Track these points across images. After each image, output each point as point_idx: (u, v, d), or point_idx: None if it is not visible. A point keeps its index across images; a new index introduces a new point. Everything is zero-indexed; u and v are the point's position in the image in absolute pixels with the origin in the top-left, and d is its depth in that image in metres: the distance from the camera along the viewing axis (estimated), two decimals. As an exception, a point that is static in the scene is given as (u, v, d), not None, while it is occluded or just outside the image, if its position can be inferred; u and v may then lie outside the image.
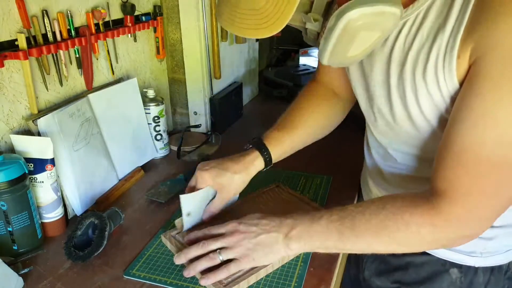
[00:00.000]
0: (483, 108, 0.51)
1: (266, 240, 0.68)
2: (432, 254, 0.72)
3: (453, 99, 0.57)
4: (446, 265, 0.72)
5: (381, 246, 0.63)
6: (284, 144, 0.84)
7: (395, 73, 0.63)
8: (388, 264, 0.79)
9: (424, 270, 0.74)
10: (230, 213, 0.84)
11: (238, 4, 0.53)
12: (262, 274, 0.71)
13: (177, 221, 0.81)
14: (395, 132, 0.70)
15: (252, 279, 0.70)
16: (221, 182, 0.78)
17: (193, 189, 0.79)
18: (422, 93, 0.59)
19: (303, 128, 0.86)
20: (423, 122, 0.63)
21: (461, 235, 0.59)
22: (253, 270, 0.70)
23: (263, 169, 0.83)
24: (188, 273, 0.69)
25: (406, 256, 0.75)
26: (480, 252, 0.70)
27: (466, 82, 0.54)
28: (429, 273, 0.73)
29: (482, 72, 0.51)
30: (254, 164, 0.81)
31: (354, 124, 1.43)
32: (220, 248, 0.69)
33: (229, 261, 0.69)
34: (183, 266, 0.72)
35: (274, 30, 0.53)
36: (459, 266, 0.71)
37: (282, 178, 1.04)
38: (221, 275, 0.67)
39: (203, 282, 0.68)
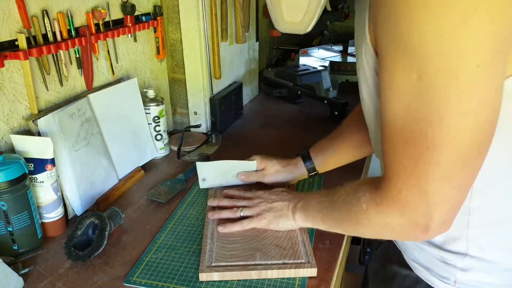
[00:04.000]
0: (387, 80, 0.50)
1: (279, 206, 0.81)
2: (413, 270, 0.70)
3: (376, 72, 0.56)
4: (421, 284, 0.69)
5: (347, 223, 0.66)
6: (327, 154, 0.94)
7: (357, 55, 0.64)
8: (385, 269, 0.79)
9: (405, 283, 0.72)
10: None
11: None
12: (254, 275, 0.72)
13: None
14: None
15: (237, 276, 0.71)
16: (265, 164, 0.96)
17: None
18: (360, 65, 0.59)
19: (348, 141, 0.92)
20: (365, 97, 0.62)
21: (407, 221, 0.54)
22: (247, 266, 0.72)
23: (308, 175, 0.95)
24: (212, 215, 0.86)
25: (396, 266, 0.75)
26: (454, 281, 0.64)
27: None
28: (406, 286, 0.72)
29: (379, 42, 0.50)
30: (298, 166, 0.94)
31: (332, 121, 1.44)
32: (244, 207, 0.84)
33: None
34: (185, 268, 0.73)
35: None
36: None
37: None
38: (235, 227, 0.81)
39: (219, 229, 0.81)
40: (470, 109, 0.45)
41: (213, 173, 0.96)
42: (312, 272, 0.72)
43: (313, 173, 0.94)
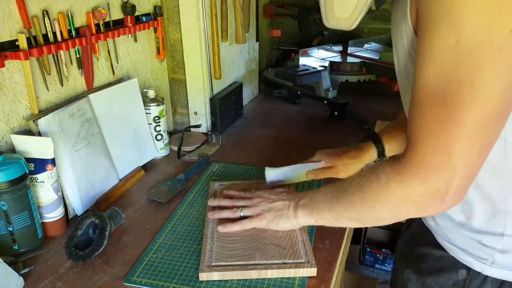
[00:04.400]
0: (423, 49, 0.53)
1: (279, 205, 0.81)
2: (448, 251, 0.72)
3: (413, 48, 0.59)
4: (457, 264, 0.70)
5: (361, 205, 0.65)
6: (398, 138, 0.94)
7: (394, 35, 0.67)
8: (412, 251, 0.80)
9: (439, 263, 0.74)
10: None
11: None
12: (253, 275, 0.72)
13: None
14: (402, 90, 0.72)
15: (238, 275, 0.72)
16: (334, 161, 0.96)
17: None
18: (399, 48, 0.63)
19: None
20: (405, 77, 0.65)
21: (428, 189, 0.55)
22: (246, 266, 0.73)
23: (377, 159, 0.95)
24: (212, 215, 0.86)
25: (427, 248, 0.75)
26: (491, 262, 0.66)
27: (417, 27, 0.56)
28: (442, 267, 0.73)
29: (421, 16, 0.54)
30: (367, 154, 0.95)
31: (331, 121, 1.44)
32: (244, 207, 0.84)
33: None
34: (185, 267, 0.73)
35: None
36: (468, 269, 0.69)
37: None
38: (235, 227, 0.81)
39: (219, 228, 0.82)
40: (499, 73, 0.49)
41: (280, 178, 0.97)
42: (312, 272, 0.72)
43: (381, 158, 0.95)
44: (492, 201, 0.63)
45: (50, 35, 0.87)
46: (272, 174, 0.96)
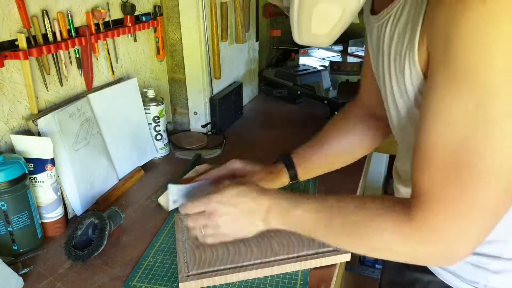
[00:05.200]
0: (435, 105, 0.49)
1: (245, 221, 0.68)
2: (437, 275, 0.69)
3: (421, 93, 0.55)
4: None
5: (354, 247, 0.61)
6: (309, 162, 0.86)
7: (386, 69, 0.63)
8: (403, 276, 0.77)
9: None
10: None
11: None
12: (244, 275, 0.72)
13: (160, 199, 0.85)
14: (395, 124, 0.68)
15: (233, 278, 0.71)
16: (248, 171, 0.82)
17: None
18: (401, 84, 0.58)
19: (332, 147, 0.87)
20: (404, 116, 0.61)
21: (436, 252, 0.53)
22: (231, 269, 0.72)
23: (289, 183, 0.85)
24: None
25: (416, 273, 0.73)
26: (484, 285, 0.63)
27: (428, 75, 0.52)
28: None
29: (434, 64, 0.49)
30: (280, 174, 0.84)
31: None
32: (204, 225, 0.71)
33: None
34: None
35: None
36: None
37: None
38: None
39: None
40: None
41: (185, 194, 0.84)
42: (347, 256, 0.76)
43: (293, 182, 0.86)
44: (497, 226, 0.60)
45: (50, 35, 0.87)
46: (176, 190, 0.82)
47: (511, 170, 0.47)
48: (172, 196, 0.81)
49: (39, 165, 0.80)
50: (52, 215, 0.84)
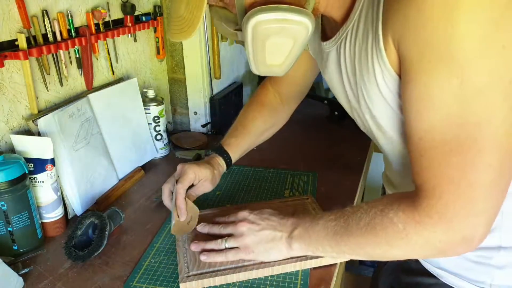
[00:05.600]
0: (419, 94, 0.50)
1: (270, 236, 0.71)
2: (439, 278, 0.68)
3: (399, 92, 0.56)
4: None
5: (372, 247, 0.60)
6: (240, 148, 0.95)
7: (355, 86, 0.63)
8: (400, 281, 0.77)
9: None
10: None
11: (171, 13, 0.64)
12: (245, 275, 0.71)
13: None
14: (379, 140, 0.69)
15: (233, 278, 0.71)
16: (198, 174, 0.85)
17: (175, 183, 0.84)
18: (376, 94, 0.58)
19: (253, 133, 0.97)
20: (386, 125, 0.62)
21: (453, 236, 0.53)
22: (230, 269, 0.71)
23: (226, 170, 0.93)
24: (197, 247, 0.75)
25: (417, 277, 0.72)
26: (490, 284, 0.63)
27: (401, 71, 0.53)
28: None
29: (406, 58, 0.50)
30: (220, 165, 0.91)
31: (331, 120, 1.44)
32: (229, 235, 0.74)
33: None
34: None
35: (188, 35, 0.60)
36: None
37: (270, 177, 1.05)
38: (219, 258, 0.72)
39: (202, 258, 0.73)
40: None
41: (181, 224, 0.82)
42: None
43: (230, 167, 0.94)
44: None
45: (50, 35, 0.87)
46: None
47: (507, 136, 0.47)
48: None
49: (39, 165, 0.80)
50: (52, 215, 0.84)
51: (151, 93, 1.13)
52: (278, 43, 0.58)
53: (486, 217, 0.52)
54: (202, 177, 0.85)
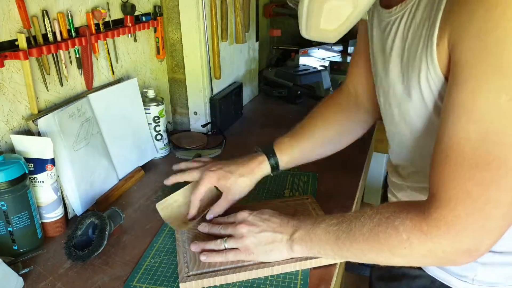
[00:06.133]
0: (463, 100, 0.48)
1: (270, 237, 0.70)
2: (424, 269, 0.69)
3: (441, 93, 0.54)
4: (435, 283, 0.68)
5: (375, 254, 0.60)
6: (293, 151, 0.85)
7: (397, 67, 0.61)
8: (390, 272, 0.78)
9: (415, 283, 0.71)
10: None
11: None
12: (245, 275, 0.71)
13: (158, 204, 0.83)
14: (396, 128, 0.68)
15: (233, 278, 0.71)
16: (226, 185, 0.80)
17: (196, 183, 0.81)
18: (414, 88, 0.57)
19: (314, 137, 0.86)
20: (414, 120, 0.61)
21: (457, 248, 0.52)
22: (230, 269, 0.71)
23: (270, 174, 0.84)
24: (197, 247, 0.74)
25: (404, 268, 0.73)
26: (472, 278, 0.63)
27: (450, 73, 0.51)
28: (419, 286, 0.70)
29: (459, 60, 0.48)
30: (260, 167, 0.82)
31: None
32: (229, 236, 0.73)
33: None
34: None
35: None
36: None
37: (270, 176, 1.04)
38: (218, 258, 0.72)
39: (202, 258, 0.72)
40: None
41: (175, 211, 0.83)
42: None
43: (276, 171, 0.85)
44: None
45: (50, 35, 0.87)
46: (162, 207, 0.82)
47: None
48: (163, 215, 0.82)
49: (39, 165, 0.80)
50: (52, 215, 0.84)
51: (151, 93, 1.13)
52: (337, 7, 0.54)
53: (494, 234, 0.51)
54: (223, 187, 0.80)
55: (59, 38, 0.89)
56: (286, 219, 0.72)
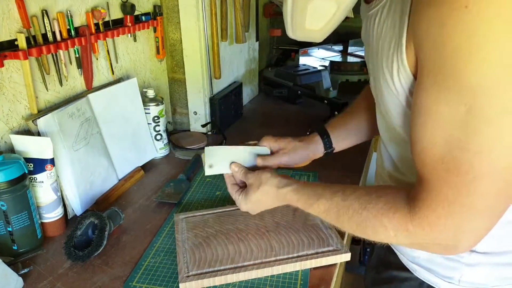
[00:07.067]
0: (428, 105, 0.48)
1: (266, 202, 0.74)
2: (413, 272, 0.70)
3: (411, 90, 0.54)
4: (423, 286, 0.69)
5: (362, 235, 0.62)
6: (345, 128, 0.89)
7: (373, 63, 0.62)
8: (381, 274, 0.79)
9: (404, 286, 0.72)
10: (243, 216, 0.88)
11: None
12: (245, 275, 0.72)
13: (203, 155, 0.83)
14: (385, 127, 0.68)
15: (233, 278, 0.71)
16: (282, 143, 0.86)
17: (249, 144, 0.85)
18: (389, 84, 0.57)
19: (363, 116, 0.88)
20: (392, 117, 0.61)
21: (439, 244, 0.54)
22: (230, 270, 0.72)
23: (326, 151, 0.88)
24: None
25: (393, 271, 0.74)
26: (458, 280, 0.64)
27: (417, 74, 0.51)
28: None
29: (423, 64, 0.49)
30: (313, 141, 0.88)
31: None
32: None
33: None
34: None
35: None
36: None
37: None
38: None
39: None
40: None
41: (221, 159, 0.84)
42: (347, 256, 0.76)
43: (329, 150, 0.88)
44: None
45: (50, 35, 0.87)
46: (212, 153, 0.82)
47: (508, 169, 0.46)
48: (209, 159, 0.82)
49: (39, 165, 0.80)
50: (52, 215, 0.84)
51: (151, 93, 1.13)
52: (321, 6, 0.55)
53: (475, 235, 0.52)
54: (278, 147, 0.85)
55: (58, 38, 0.89)
56: (283, 182, 0.73)
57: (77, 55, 0.95)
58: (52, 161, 0.81)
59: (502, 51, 0.42)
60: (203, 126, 1.33)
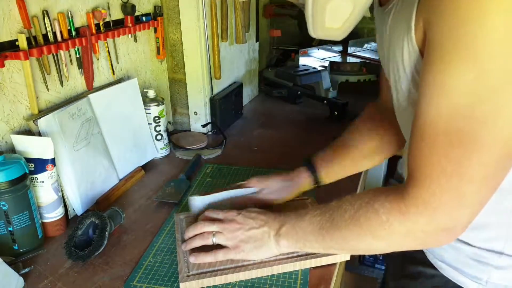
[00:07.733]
0: (434, 78, 0.50)
1: (258, 234, 0.72)
2: (439, 269, 0.70)
3: (417, 67, 0.56)
4: (449, 284, 0.69)
5: (356, 240, 0.62)
6: (334, 162, 0.88)
7: (388, 53, 0.64)
8: (406, 270, 0.78)
9: (431, 282, 0.72)
10: None
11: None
12: (245, 275, 0.72)
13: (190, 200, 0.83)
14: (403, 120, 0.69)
15: (233, 278, 0.71)
16: (264, 181, 0.85)
17: (238, 187, 0.85)
18: (400, 66, 0.59)
19: (352, 149, 0.88)
20: (406, 100, 0.62)
21: (435, 226, 0.54)
22: (230, 268, 0.72)
23: (314, 185, 0.87)
24: (185, 246, 0.75)
25: (419, 266, 0.74)
26: (486, 281, 0.64)
27: (425, 51, 0.53)
28: (434, 286, 0.71)
29: (431, 41, 0.50)
30: (300, 177, 0.86)
31: (331, 121, 1.44)
32: (217, 232, 0.73)
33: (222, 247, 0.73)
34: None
35: None
36: None
37: None
38: (208, 258, 0.72)
39: (191, 259, 0.73)
40: None
41: (208, 206, 0.84)
42: (347, 256, 0.76)
43: (319, 185, 0.88)
44: (499, 223, 0.61)
45: (50, 35, 0.87)
46: (198, 202, 0.83)
47: (510, 139, 0.47)
48: (194, 209, 0.83)
49: (40, 165, 0.80)
50: (53, 215, 0.84)
51: (151, 93, 1.14)
52: (338, 6, 0.57)
53: (471, 210, 0.53)
54: (265, 187, 0.84)
55: (59, 38, 0.89)
56: (273, 216, 0.73)
57: (77, 56, 0.95)
58: (53, 161, 0.81)
59: (509, 21, 0.44)
60: (203, 126, 1.34)
